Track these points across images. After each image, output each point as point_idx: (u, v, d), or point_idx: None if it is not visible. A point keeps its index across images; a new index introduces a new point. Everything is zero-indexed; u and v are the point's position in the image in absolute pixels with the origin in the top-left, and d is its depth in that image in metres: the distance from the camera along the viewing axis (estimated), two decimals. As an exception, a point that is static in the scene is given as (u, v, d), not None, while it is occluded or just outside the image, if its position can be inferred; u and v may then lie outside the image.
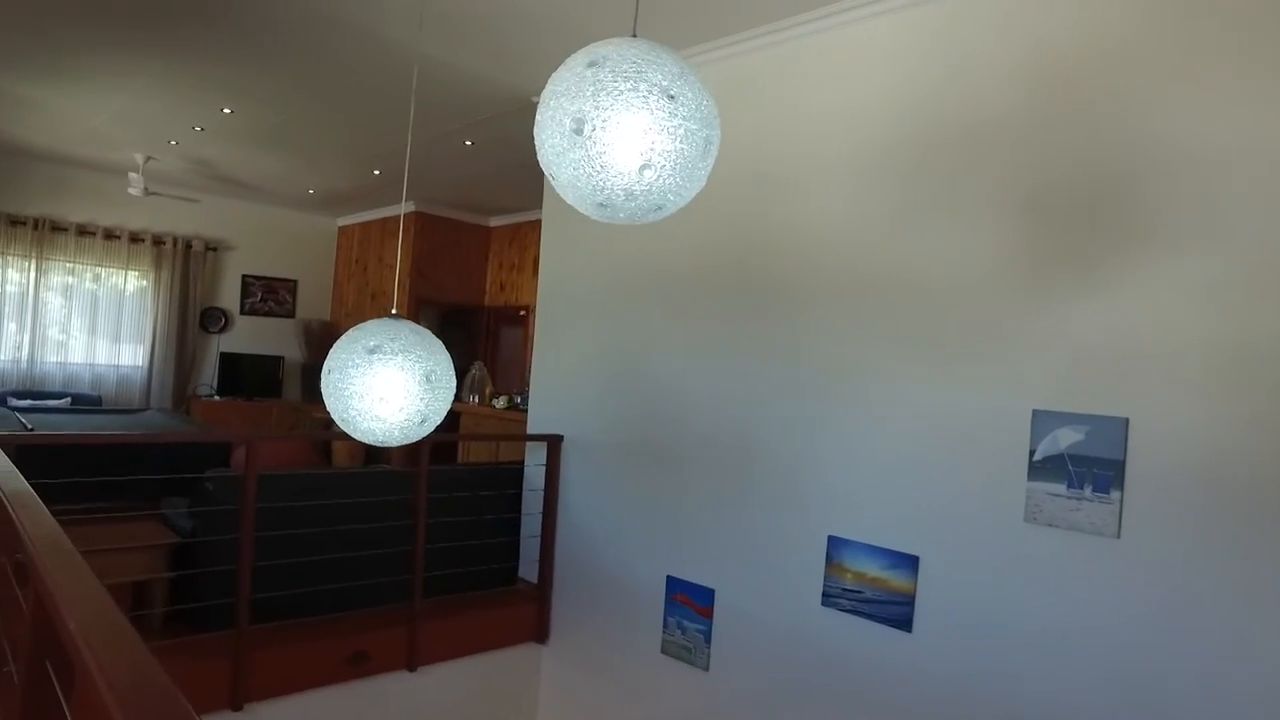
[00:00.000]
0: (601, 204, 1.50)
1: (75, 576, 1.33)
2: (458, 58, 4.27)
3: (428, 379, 2.14)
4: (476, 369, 7.44)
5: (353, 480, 4.08)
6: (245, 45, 4.38)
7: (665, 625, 3.81)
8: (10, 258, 7.65)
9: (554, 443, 4.34)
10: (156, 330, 8.39)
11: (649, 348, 4.03)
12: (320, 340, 9.21)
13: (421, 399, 2.13)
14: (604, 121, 1.39)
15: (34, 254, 7.74)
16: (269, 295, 9.19)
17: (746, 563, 3.51)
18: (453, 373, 2.25)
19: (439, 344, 2.24)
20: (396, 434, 2.16)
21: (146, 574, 3.54)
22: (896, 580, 3.00)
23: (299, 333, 9.24)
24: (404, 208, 8.45)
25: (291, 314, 9.34)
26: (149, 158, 7.09)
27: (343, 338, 2.18)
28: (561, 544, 4.37)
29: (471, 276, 8.59)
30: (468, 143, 5.82)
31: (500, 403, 7.00)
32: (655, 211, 1.57)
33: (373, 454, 8.22)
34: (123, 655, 1.02)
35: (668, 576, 3.81)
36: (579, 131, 1.39)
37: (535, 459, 4.50)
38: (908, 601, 2.96)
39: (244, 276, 9.04)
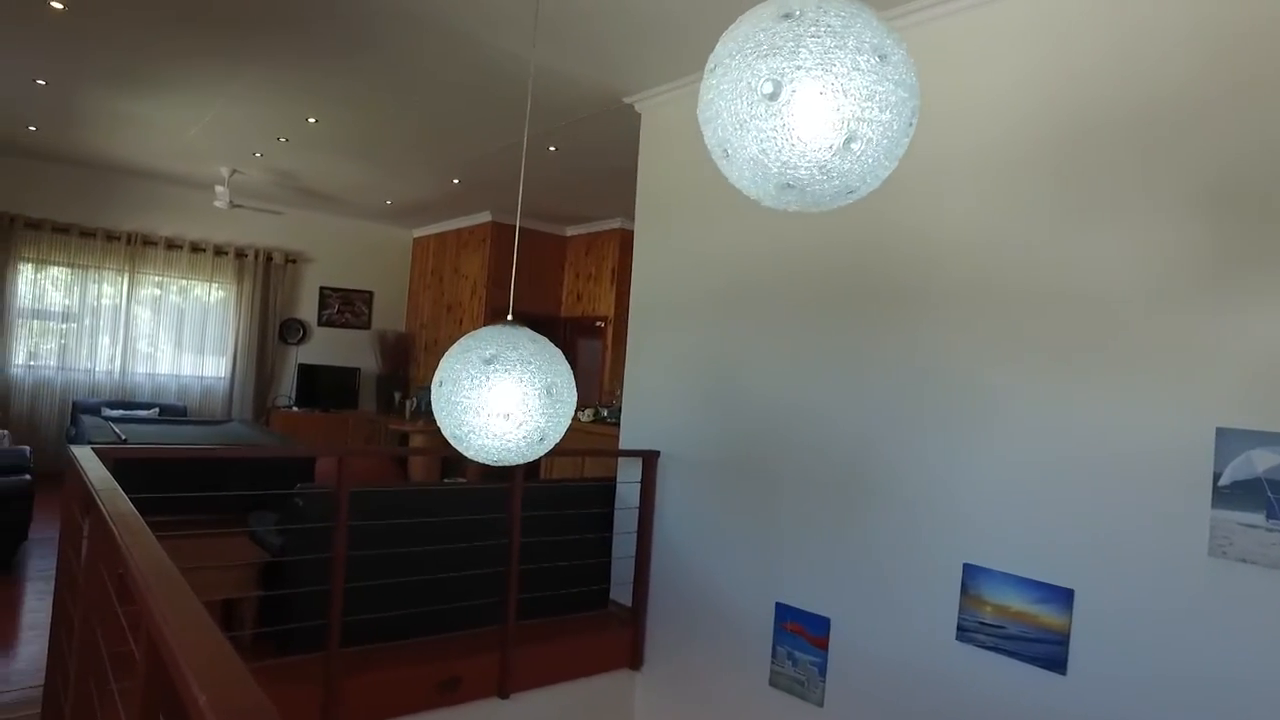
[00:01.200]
0: (788, 185, 1.28)
1: (189, 622, 1.16)
2: (551, 58, 4.11)
3: (548, 392, 1.94)
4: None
5: (442, 497, 3.92)
6: (334, 52, 4.31)
7: (774, 655, 3.54)
8: (106, 272, 7.83)
9: (650, 459, 4.12)
10: (238, 342, 8.49)
11: (752, 359, 3.78)
12: (395, 352, 9.21)
13: (542, 414, 1.93)
14: (803, 85, 1.16)
15: (127, 268, 7.91)
16: (345, 307, 9.24)
17: (867, 590, 3.22)
18: (574, 385, 2.05)
19: (558, 353, 2.04)
20: (514, 452, 1.96)
21: (238, 592, 3.43)
22: (1047, 616, 2.68)
23: (374, 344, 9.26)
24: (515, 216, 8.37)
25: (367, 325, 9.36)
26: (234, 171, 7.16)
27: (455, 346, 1.99)
28: (657, 565, 4.14)
29: (548, 287, 8.47)
30: (551, 149, 5.68)
31: (586, 415, 6.82)
32: (846, 196, 1.33)
33: (448, 468, 8.14)
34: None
35: (777, 603, 3.55)
36: (774, 96, 1.17)
37: (628, 475, 4.29)
38: (1060, 640, 2.64)
39: (321, 288, 9.10)
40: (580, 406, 7.06)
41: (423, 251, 9.47)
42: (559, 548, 4.07)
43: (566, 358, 2.05)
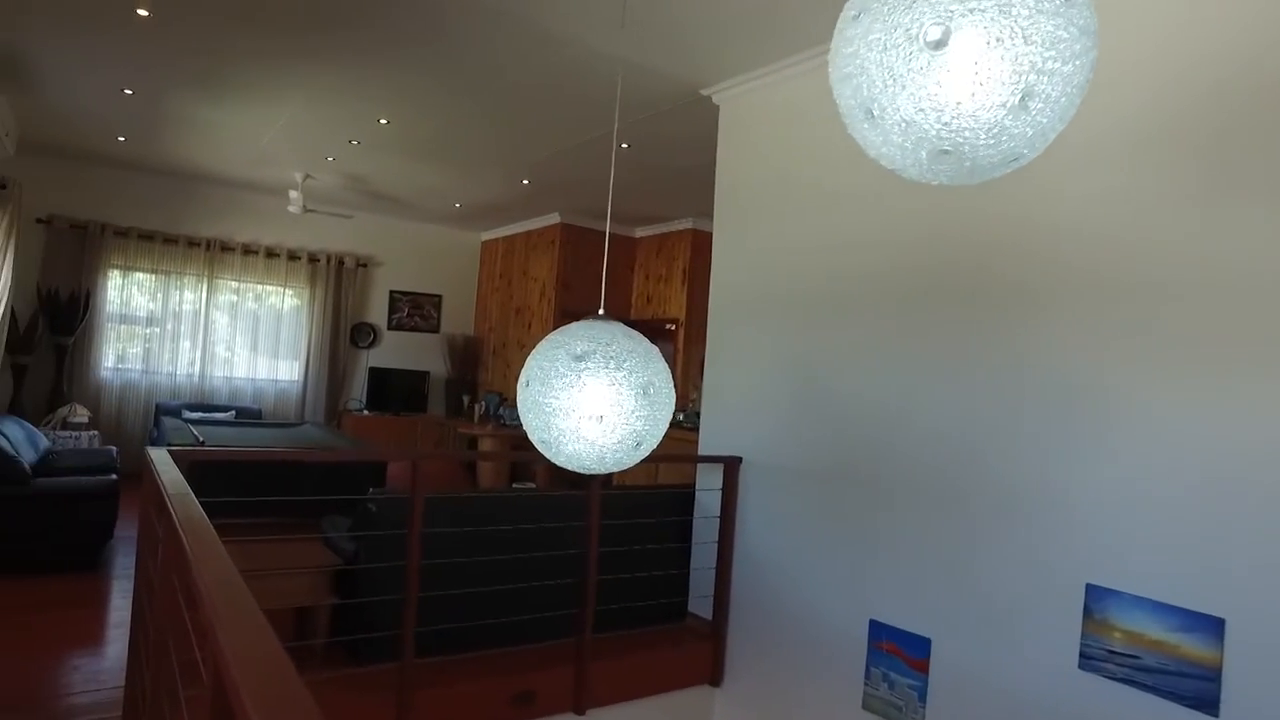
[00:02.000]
0: (945, 151, 1.09)
1: (250, 639, 1.05)
2: (629, 49, 3.97)
3: (645, 392, 1.78)
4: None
5: (516, 503, 3.80)
6: (408, 50, 4.25)
7: (868, 676, 3.31)
8: (187, 277, 8.02)
9: (732, 465, 3.94)
10: (311, 345, 8.60)
11: (844, 360, 3.57)
12: (464, 355, 9.21)
13: (638, 416, 1.77)
14: (974, 30, 0.98)
15: (206, 273, 8.09)
16: (415, 310, 9.28)
17: (973, 610, 2.97)
18: (672, 385, 1.89)
19: (655, 350, 1.88)
20: (608, 459, 1.80)
21: (311, 599, 3.37)
22: (1191, 647, 2.40)
23: (444, 348, 9.28)
24: (586, 218, 8.30)
25: (436, 329, 9.39)
26: (307, 176, 7.24)
27: (543, 343, 1.85)
28: (738, 577, 3.95)
29: (617, 289, 8.35)
30: (624, 145, 5.55)
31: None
32: (1008, 164, 1.14)
33: (517, 473, 8.08)
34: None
35: (871, 621, 3.32)
36: (941, 44, 0.98)
37: (707, 483, 4.11)
38: (1210, 676, 2.36)
39: (391, 292, 9.16)
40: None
41: (491, 254, 9.46)
42: (635, 558, 3.91)
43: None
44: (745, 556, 3.92)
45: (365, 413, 8.71)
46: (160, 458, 2.59)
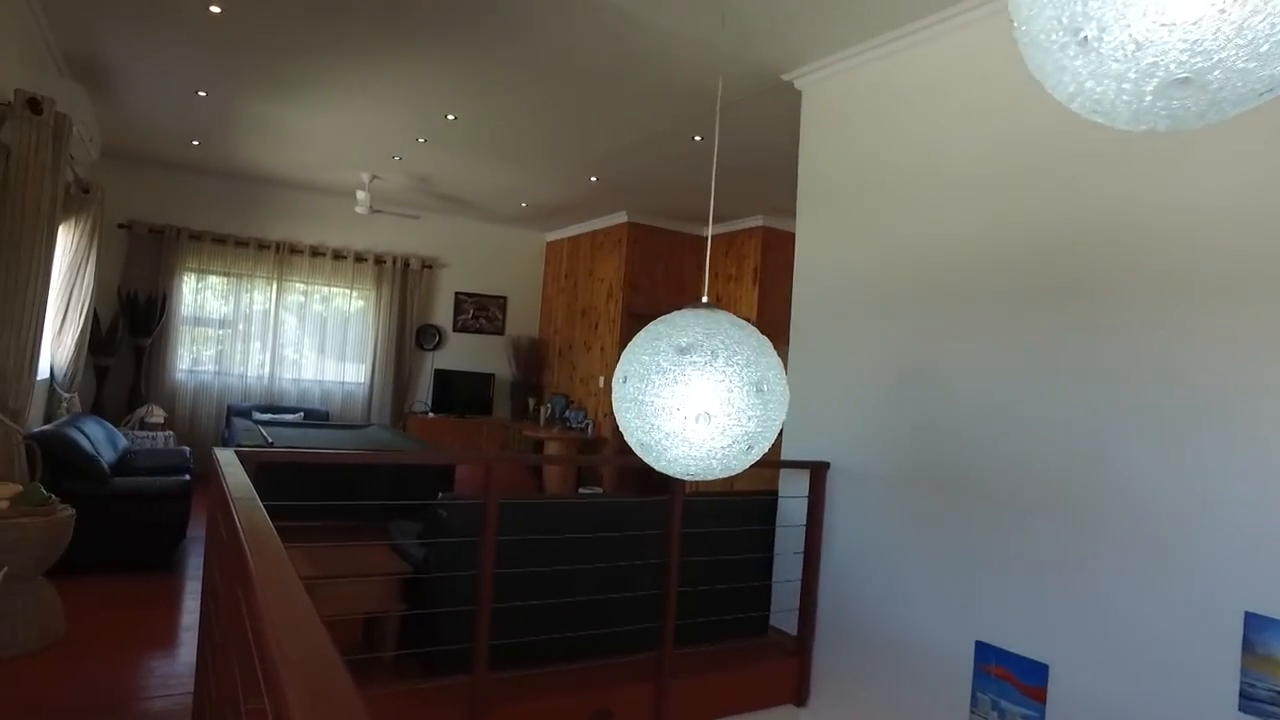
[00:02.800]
0: (1183, 80, 0.86)
1: (310, 655, 0.93)
2: (708, 30, 3.77)
3: (758, 389, 1.57)
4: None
5: (592, 510, 3.63)
6: (481, 38, 4.13)
7: (974, 703, 3.03)
8: (257, 280, 8.10)
9: (818, 471, 3.69)
10: (377, 347, 8.61)
11: (946, 358, 3.30)
12: (529, 357, 9.12)
13: (750, 417, 1.57)
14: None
15: (275, 275, 8.16)
16: (480, 312, 9.23)
17: (1100, 635, 2.68)
18: (785, 383, 1.68)
19: (766, 342, 1.67)
20: (716, 463, 1.60)
21: (380, 607, 3.25)
22: (1376, 687, 2.08)
23: (508, 350, 9.20)
24: (652, 216, 8.15)
25: (501, 331, 9.33)
26: (374, 176, 7.23)
27: (642, 334, 1.65)
28: (826, 590, 3.70)
29: (685, 289, 8.15)
30: (696, 138, 5.35)
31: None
32: (1259, 96, 0.90)
33: (584, 477, 7.93)
34: None
35: (977, 642, 3.04)
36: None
37: (791, 489, 3.87)
38: (1399, 721, 2.04)
39: (456, 293, 9.13)
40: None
41: (556, 255, 9.35)
42: (715, 568, 3.69)
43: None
44: (834, 568, 3.67)
45: (430, 415, 8.67)
46: (227, 459, 2.49)
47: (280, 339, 8.26)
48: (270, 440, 5.08)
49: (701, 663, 3.54)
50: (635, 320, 7.96)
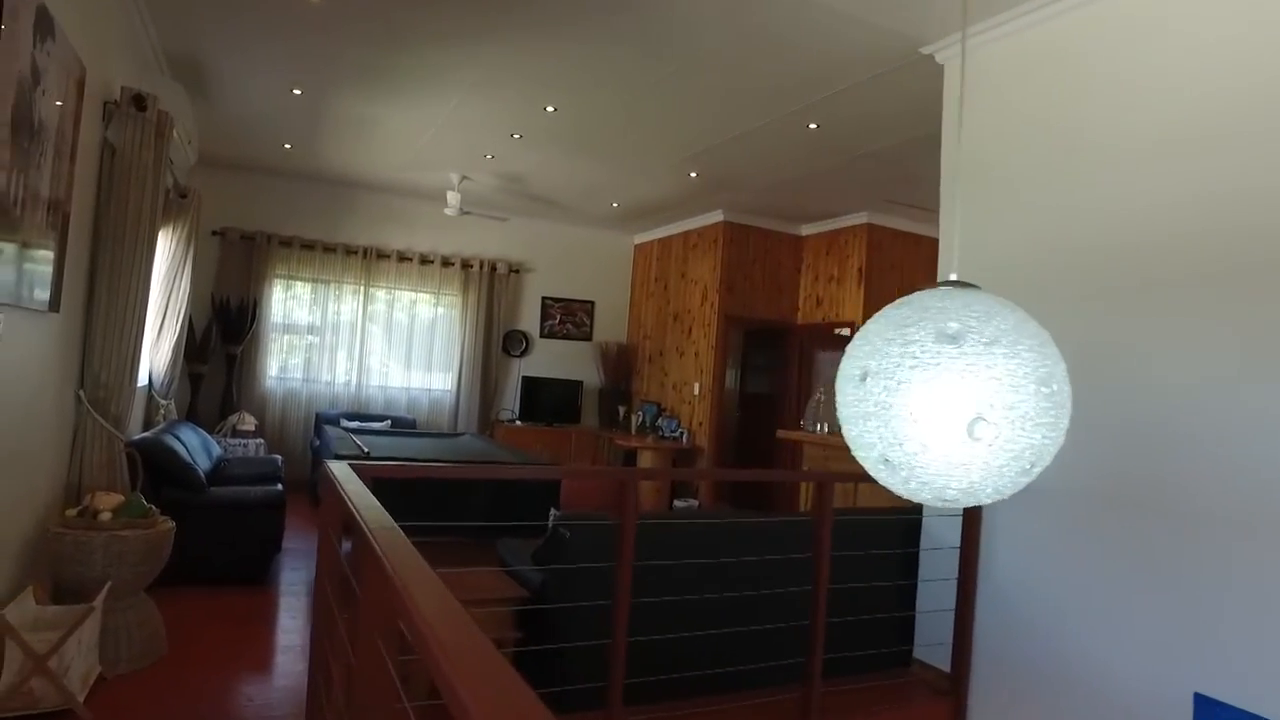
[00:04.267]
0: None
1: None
2: (846, 4, 3.41)
3: (1044, 388, 1.20)
4: (821, 393, 6.43)
5: (727, 531, 3.27)
6: (585, 19, 3.85)
7: (1190, 769, 2.57)
8: (345, 286, 8.03)
9: (979, 488, 3.26)
10: (463, 354, 8.45)
11: (1134, 354, 2.84)
12: (617, 364, 8.84)
13: (1037, 425, 1.20)
14: None
15: (362, 281, 8.08)
16: (567, 317, 9.00)
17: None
18: (1068, 382, 1.30)
19: (1045, 333, 1.30)
20: (987, 487, 1.24)
21: (494, 637, 2.95)
22: None
23: (596, 356, 8.94)
24: (749, 215, 7.79)
25: (589, 337, 9.07)
26: (464, 177, 7.06)
27: (881, 319, 1.29)
28: (983, 622, 3.26)
29: (783, 291, 7.74)
30: (811, 126, 4.97)
31: (825, 430, 5.97)
32: None
33: (678, 490, 7.59)
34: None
35: (1196, 695, 2.57)
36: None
37: (937, 507, 3.44)
38: None
39: (543, 299, 8.91)
40: (818, 421, 6.16)
41: (644, 258, 9.06)
42: (853, 595, 3.29)
43: (800, 370, 1.34)
44: (993, 597, 3.23)
45: (518, 423, 8.46)
46: (343, 473, 2.22)
47: (366, 345, 8.17)
48: (366, 450, 4.88)
49: (847, 700, 3.15)
50: (732, 323, 7.59)
